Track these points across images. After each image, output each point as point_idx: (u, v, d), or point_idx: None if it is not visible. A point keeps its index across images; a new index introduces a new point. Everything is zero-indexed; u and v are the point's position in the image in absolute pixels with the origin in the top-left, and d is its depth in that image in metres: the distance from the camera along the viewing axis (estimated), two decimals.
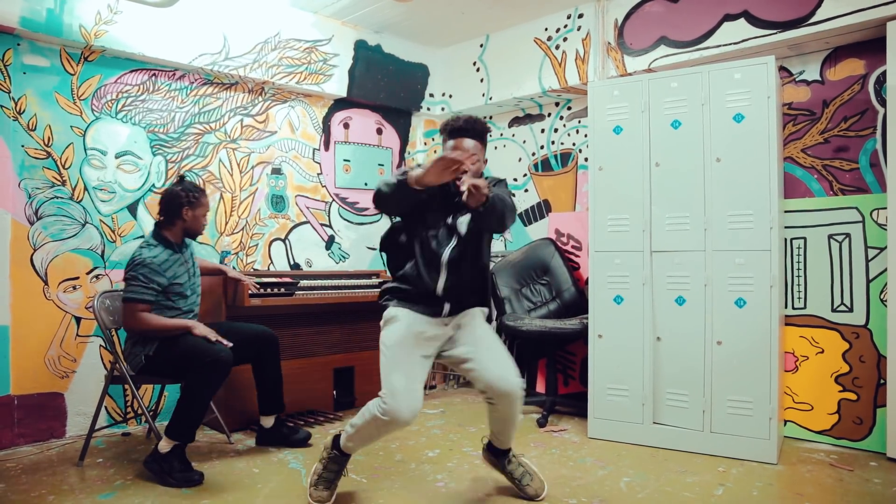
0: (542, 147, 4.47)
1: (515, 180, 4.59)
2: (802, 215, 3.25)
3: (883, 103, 3.05)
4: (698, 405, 3.00)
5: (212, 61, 3.64)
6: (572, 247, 4.11)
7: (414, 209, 2.31)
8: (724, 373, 2.94)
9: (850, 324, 3.11)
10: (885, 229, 2.99)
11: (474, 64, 4.59)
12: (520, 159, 4.59)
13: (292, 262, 4.18)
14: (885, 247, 2.98)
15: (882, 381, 2.98)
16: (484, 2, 3.94)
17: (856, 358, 3.08)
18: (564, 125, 4.36)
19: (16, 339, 3.11)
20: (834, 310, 3.16)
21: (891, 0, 2.80)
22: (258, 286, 3.33)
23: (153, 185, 3.57)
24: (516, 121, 4.64)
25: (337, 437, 2.39)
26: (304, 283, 3.54)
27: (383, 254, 2.51)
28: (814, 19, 3.03)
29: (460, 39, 4.63)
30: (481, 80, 4.54)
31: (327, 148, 4.38)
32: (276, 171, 4.10)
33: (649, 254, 3.15)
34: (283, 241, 4.14)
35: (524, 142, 4.58)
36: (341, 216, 4.45)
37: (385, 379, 2.23)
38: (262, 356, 3.03)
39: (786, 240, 3.28)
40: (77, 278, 3.31)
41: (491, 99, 4.47)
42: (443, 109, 4.80)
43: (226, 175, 3.85)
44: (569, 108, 4.34)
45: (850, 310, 3.12)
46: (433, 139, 4.94)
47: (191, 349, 2.66)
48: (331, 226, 4.39)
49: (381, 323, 2.39)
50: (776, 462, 2.83)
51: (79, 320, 3.31)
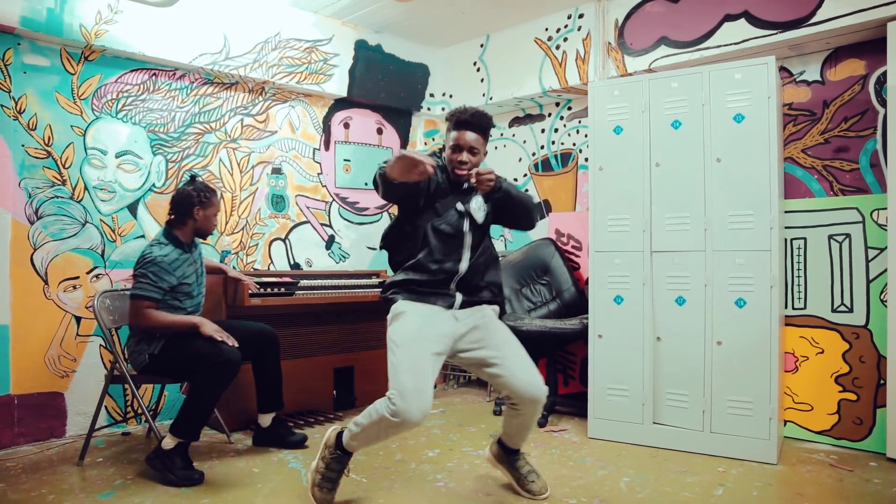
0: (542, 147, 4.47)
1: (516, 180, 4.59)
2: (802, 215, 3.25)
3: (883, 104, 3.05)
4: (698, 405, 3.00)
5: (212, 61, 3.64)
6: (572, 247, 4.11)
7: (415, 197, 2.25)
8: (724, 373, 2.94)
9: (850, 324, 3.12)
10: (886, 230, 2.99)
11: (475, 64, 4.59)
12: (520, 159, 4.59)
13: (292, 262, 4.18)
14: (886, 247, 2.98)
15: (882, 382, 2.98)
16: (484, 2, 3.94)
17: (856, 358, 3.08)
18: (565, 125, 4.36)
19: (16, 339, 3.11)
20: (834, 310, 3.16)
21: (891, 0, 2.80)
22: (258, 286, 3.33)
23: (153, 185, 3.57)
24: (516, 121, 4.64)
25: (339, 435, 2.32)
26: (304, 282, 3.54)
27: (385, 250, 2.44)
28: (814, 20, 3.03)
29: (461, 39, 4.63)
30: (482, 80, 4.54)
31: (327, 148, 4.38)
32: (277, 171, 4.10)
33: (649, 254, 3.15)
34: (284, 240, 4.14)
35: (524, 142, 4.58)
36: (341, 216, 4.45)
37: (394, 378, 2.15)
38: (263, 354, 3.03)
39: (786, 240, 3.28)
40: (77, 278, 3.31)
41: (491, 99, 4.47)
42: (443, 109, 4.80)
43: (226, 175, 3.85)
44: (569, 108, 4.34)
45: (851, 310, 3.12)
46: (433, 139, 4.94)
47: (200, 349, 2.65)
48: (331, 225, 4.39)
49: (389, 318, 2.30)
50: (776, 462, 2.83)
51: (79, 320, 3.31)
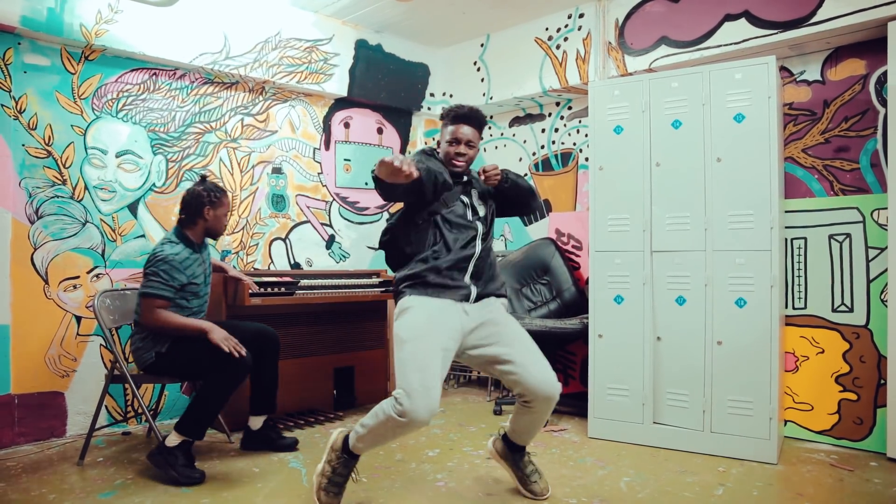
0: (542, 147, 4.47)
1: None
2: (803, 215, 3.25)
3: (884, 103, 3.05)
4: (698, 405, 3.00)
5: (212, 60, 3.64)
6: (573, 246, 4.11)
7: (419, 193, 2.22)
8: (724, 373, 2.94)
9: (850, 324, 3.11)
10: (886, 229, 2.99)
11: (475, 63, 4.59)
12: (520, 159, 4.59)
13: (293, 262, 4.18)
14: (886, 247, 2.98)
15: (882, 382, 2.98)
16: (485, 1, 3.94)
17: (856, 358, 3.08)
18: (565, 125, 4.36)
19: (16, 339, 3.11)
20: (834, 310, 3.16)
21: (891, 0, 2.80)
22: (257, 286, 3.32)
23: (154, 185, 3.57)
24: (517, 120, 4.64)
25: (346, 439, 2.26)
26: (304, 282, 3.54)
27: (387, 246, 2.39)
28: (815, 19, 3.03)
29: (461, 39, 4.63)
30: (482, 80, 4.53)
31: (328, 147, 4.38)
32: (277, 171, 4.10)
33: (650, 253, 3.15)
34: (284, 240, 4.14)
35: (525, 141, 4.58)
36: (342, 216, 4.45)
37: (401, 376, 2.11)
38: (263, 355, 3.02)
39: (786, 240, 3.28)
40: (77, 277, 3.31)
41: (491, 98, 4.47)
42: (451, 105, 4.79)
43: (226, 174, 3.85)
44: (569, 108, 4.34)
45: (851, 310, 3.12)
46: (434, 139, 4.94)
47: (212, 351, 2.65)
48: (331, 225, 4.39)
49: (396, 313, 2.26)
50: (776, 462, 2.83)
51: (79, 319, 3.31)
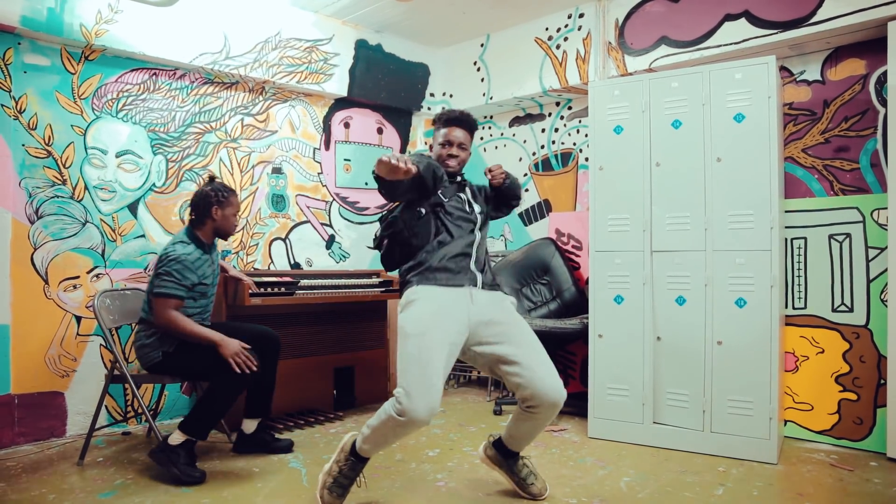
0: (542, 147, 4.47)
1: None
2: (803, 215, 3.25)
3: (884, 103, 3.05)
4: (698, 405, 3.00)
5: (212, 60, 3.64)
6: (573, 246, 4.11)
7: (423, 188, 2.23)
8: (724, 373, 2.94)
9: (850, 324, 3.11)
10: (886, 229, 2.99)
11: (475, 63, 4.59)
12: (520, 159, 4.58)
13: (293, 262, 4.18)
14: (886, 247, 2.98)
15: (882, 382, 2.98)
16: (485, 1, 3.94)
17: (856, 358, 3.08)
18: (565, 125, 4.36)
19: (16, 338, 3.11)
20: (834, 310, 3.16)
21: (891, 0, 2.80)
22: (258, 286, 3.32)
23: (154, 185, 3.57)
24: (517, 120, 4.64)
25: (354, 443, 2.25)
26: (304, 282, 3.54)
27: (391, 241, 2.35)
28: (814, 19, 3.03)
29: (461, 39, 4.63)
30: (482, 80, 4.53)
31: (328, 147, 4.38)
32: (277, 171, 4.10)
33: (650, 253, 3.15)
34: (284, 240, 4.14)
35: (525, 141, 4.58)
36: (342, 216, 4.45)
37: (402, 373, 2.07)
38: (264, 357, 3.00)
39: (786, 240, 3.28)
40: (77, 277, 3.31)
41: (491, 98, 4.47)
42: (443, 109, 4.79)
43: (226, 174, 3.85)
44: (569, 108, 4.34)
45: (851, 310, 3.12)
46: (426, 142, 4.93)
47: (220, 356, 2.65)
48: (331, 225, 4.39)
49: (401, 305, 2.22)
50: (776, 462, 2.83)
51: (79, 319, 3.31)
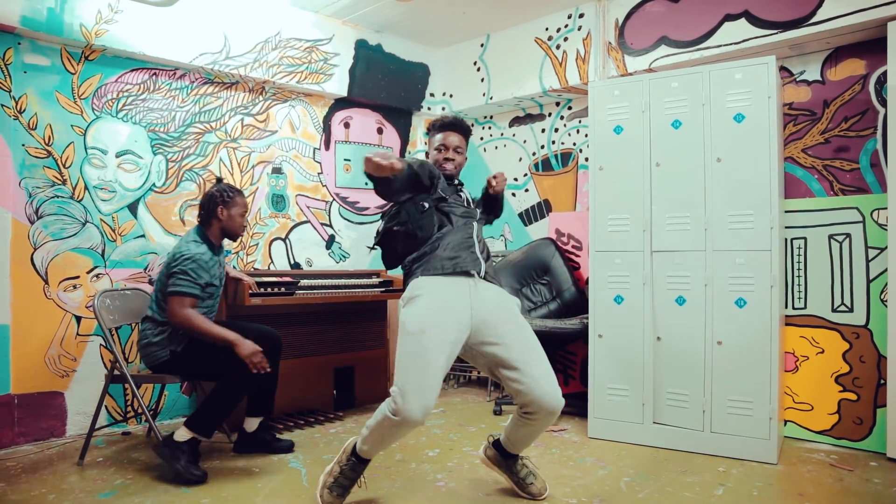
0: (542, 147, 4.47)
1: (516, 180, 4.59)
2: (803, 215, 3.25)
3: (883, 103, 3.05)
4: (698, 405, 3.00)
5: (212, 60, 3.64)
6: (573, 246, 4.11)
7: (419, 185, 2.29)
8: (724, 373, 2.94)
9: (850, 324, 3.11)
10: (886, 229, 2.99)
11: (475, 63, 4.58)
12: (520, 159, 4.59)
13: (293, 262, 4.18)
14: (886, 247, 2.98)
15: (882, 382, 2.98)
16: (485, 1, 3.94)
17: (856, 358, 3.08)
18: (565, 125, 4.36)
19: (16, 338, 3.11)
20: (834, 310, 3.16)
21: (891, 0, 2.80)
22: (258, 286, 3.32)
23: (154, 185, 3.57)
24: (517, 120, 4.64)
25: (356, 444, 2.27)
26: (304, 282, 3.54)
27: (396, 236, 2.35)
28: (814, 19, 3.03)
29: (461, 39, 4.63)
30: (482, 80, 4.53)
31: (328, 147, 4.38)
32: (277, 171, 4.10)
33: (650, 253, 3.15)
34: (284, 240, 4.14)
35: (525, 141, 4.58)
36: (342, 216, 4.45)
37: (399, 372, 2.07)
38: (266, 356, 3.01)
39: (786, 240, 3.28)
40: (77, 277, 3.31)
41: (491, 98, 4.47)
42: (443, 109, 4.80)
43: (226, 174, 3.84)
44: (569, 108, 4.34)
45: (851, 310, 3.12)
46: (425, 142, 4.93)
47: (230, 353, 2.68)
48: (331, 225, 4.39)
49: (404, 299, 2.21)
50: (776, 462, 2.83)
51: (79, 319, 3.31)
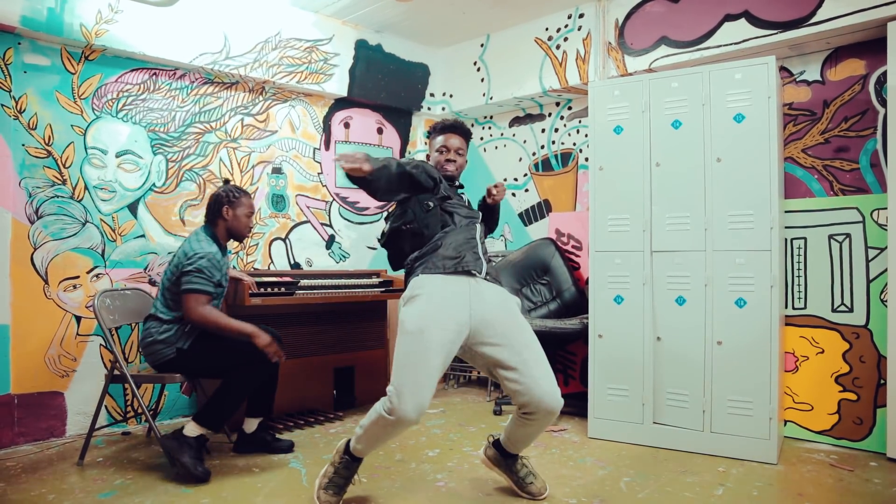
0: (542, 147, 4.47)
1: (516, 180, 4.59)
2: (803, 215, 3.25)
3: (883, 103, 3.05)
4: (698, 405, 3.00)
5: (212, 60, 3.64)
6: (573, 247, 4.11)
7: (416, 186, 2.33)
8: (724, 373, 2.94)
9: (850, 324, 3.11)
10: (886, 229, 2.99)
11: (475, 64, 4.59)
12: (520, 159, 4.59)
13: (292, 262, 4.18)
14: (886, 247, 2.98)
15: (882, 382, 2.98)
16: (484, 2, 3.94)
17: (856, 358, 3.08)
18: (565, 125, 4.36)
19: (16, 338, 3.11)
20: (834, 310, 3.16)
21: (891, 0, 2.80)
22: (258, 286, 3.32)
23: (154, 185, 3.57)
24: (517, 120, 4.64)
25: (349, 443, 2.30)
26: (304, 282, 3.54)
27: (403, 235, 2.37)
28: (814, 19, 3.03)
29: (461, 39, 4.63)
30: (482, 80, 4.53)
31: (328, 147, 4.38)
32: (277, 171, 4.10)
33: (649, 254, 3.15)
34: (284, 240, 4.14)
35: (525, 141, 4.58)
36: (342, 216, 4.45)
37: (395, 371, 2.09)
38: (266, 356, 3.01)
39: (786, 240, 3.28)
40: (77, 277, 3.31)
41: (491, 98, 4.47)
42: (443, 109, 4.80)
43: (226, 174, 3.85)
44: (569, 108, 4.34)
45: (851, 310, 3.12)
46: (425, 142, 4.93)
47: (238, 347, 2.70)
48: (331, 225, 4.39)
49: (404, 298, 2.22)
50: (776, 462, 2.83)
51: (79, 319, 3.31)
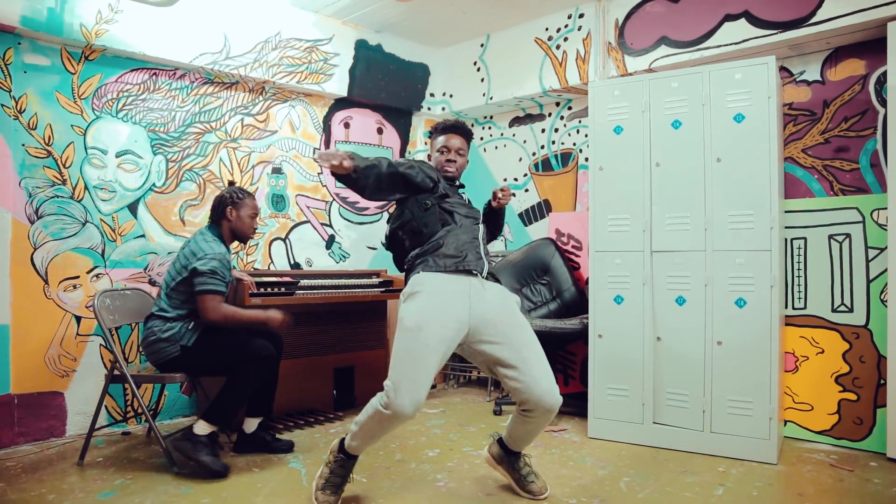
0: (542, 147, 4.47)
1: (516, 180, 4.59)
2: (803, 215, 3.25)
3: (883, 103, 3.05)
4: (698, 405, 3.00)
5: (212, 60, 3.64)
6: (572, 247, 4.11)
7: (412, 187, 2.37)
8: (724, 373, 2.94)
9: (850, 324, 3.11)
10: (886, 229, 2.99)
11: (475, 64, 4.59)
12: (520, 159, 4.59)
13: (292, 262, 4.18)
14: (886, 247, 2.98)
15: (882, 382, 2.98)
16: (484, 1, 3.94)
17: (856, 358, 3.08)
18: (565, 125, 4.36)
19: (16, 338, 3.11)
20: (834, 310, 3.16)
21: (891, 0, 2.80)
22: (258, 286, 3.32)
23: (154, 185, 3.57)
24: (517, 120, 4.64)
25: (343, 441, 2.33)
26: (304, 282, 3.53)
27: (403, 233, 2.39)
28: (814, 19, 3.03)
29: (461, 39, 4.63)
30: (482, 80, 4.53)
31: (328, 147, 4.37)
32: (277, 171, 4.10)
33: (649, 254, 3.15)
34: (284, 240, 4.14)
35: (525, 141, 4.58)
36: (342, 216, 4.45)
37: (393, 366, 2.11)
38: (266, 356, 3.01)
39: (786, 240, 3.28)
40: (77, 277, 3.31)
41: (491, 99, 4.47)
42: (443, 109, 4.80)
43: (226, 174, 3.85)
44: (569, 108, 4.34)
45: (851, 310, 3.12)
46: (425, 142, 4.93)
47: (242, 345, 2.72)
48: (331, 225, 4.39)
49: (404, 295, 2.24)
50: (776, 462, 2.83)
51: (79, 319, 3.31)
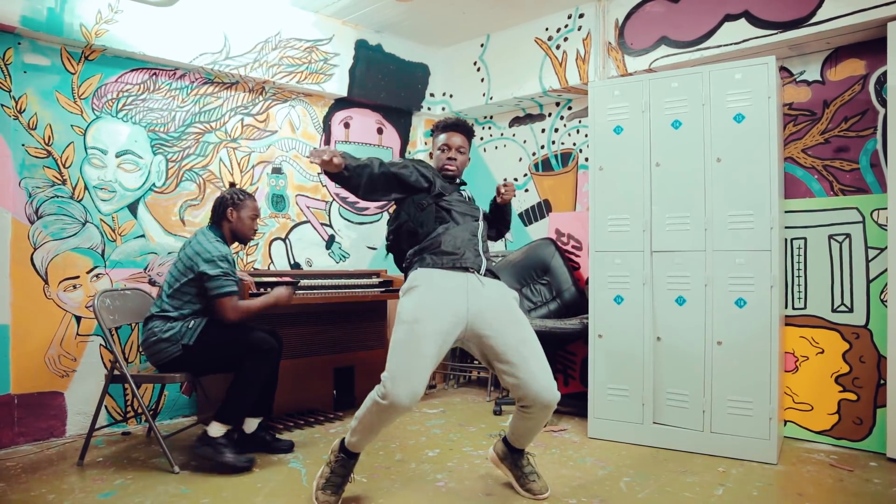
0: (542, 147, 4.47)
1: (516, 180, 4.59)
2: (803, 215, 3.25)
3: (883, 104, 3.05)
4: (698, 405, 3.00)
5: (212, 60, 3.64)
6: (572, 247, 4.11)
7: (408, 187, 2.40)
8: (724, 373, 2.94)
9: (850, 324, 3.11)
10: (886, 230, 2.99)
11: (475, 64, 4.59)
12: (520, 159, 4.59)
13: (292, 262, 4.18)
14: (886, 247, 2.98)
15: (882, 382, 2.98)
16: (484, 2, 3.94)
17: (856, 358, 3.08)
18: (565, 125, 4.36)
19: (16, 338, 3.11)
20: (834, 310, 3.16)
21: (891, 0, 2.80)
22: (257, 286, 3.32)
23: (153, 185, 3.57)
24: (517, 120, 4.64)
25: (343, 440, 2.33)
26: (304, 282, 3.54)
27: (400, 234, 2.42)
28: (814, 19, 3.03)
29: (461, 39, 4.63)
30: (482, 80, 4.54)
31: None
32: (277, 171, 4.10)
33: (649, 254, 3.15)
34: (284, 240, 4.14)
35: (524, 141, 4.58)
36: (342, 216, 4.45)
37: (390, 358, 2.12)
38: (266, 356, 3.01)
39: (786, 240, 3.28)
40: (77, 277, 3.31)
41: (491, 99, 4.47)
42: (443, 109, 4.80)
43: (226, 174, 3.85)
44: (569, 108, 4.34)
45: (851, 310, 3.12)
46: (426, 142, 4.94)
47: (243, 341, 2.74)
48: (331, 225, 4.39)
49: (402, 290, 2.27)
50: (776, 462, 2.83)
51: (79, 319, 3.31)
